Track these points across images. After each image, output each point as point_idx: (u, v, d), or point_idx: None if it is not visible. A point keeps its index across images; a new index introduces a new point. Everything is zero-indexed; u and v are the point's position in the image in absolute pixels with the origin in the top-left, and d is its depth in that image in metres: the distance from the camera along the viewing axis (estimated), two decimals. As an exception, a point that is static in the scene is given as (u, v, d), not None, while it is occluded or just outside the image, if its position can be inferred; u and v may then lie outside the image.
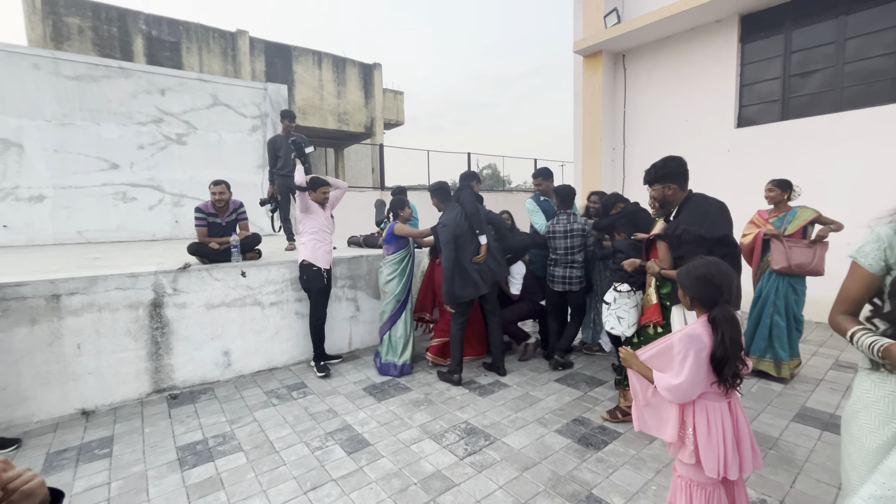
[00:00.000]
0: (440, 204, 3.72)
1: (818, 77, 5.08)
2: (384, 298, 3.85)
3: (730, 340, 1.45)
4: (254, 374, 3.85)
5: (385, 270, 3.80)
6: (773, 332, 3.48)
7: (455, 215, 3.43)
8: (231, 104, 8.55)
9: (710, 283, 1.52)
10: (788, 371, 3.47)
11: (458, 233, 3.39)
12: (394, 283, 3.78)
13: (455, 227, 3.39)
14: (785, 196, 3.49)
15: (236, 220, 4.07)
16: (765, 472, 2.31)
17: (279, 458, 2.54)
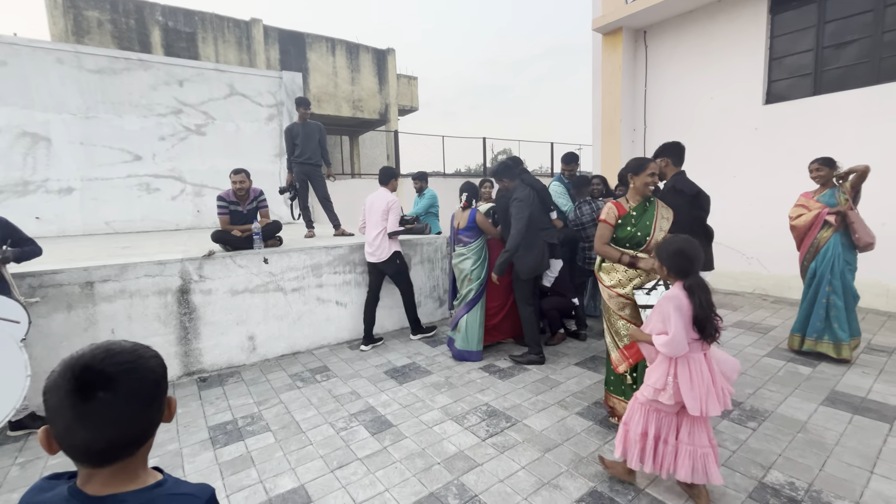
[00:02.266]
0: (510, 183, 3.62)
1: (854, 48, 4.82)
2: (467, 285, 3.74)
3: (706, 302, 1.78)
4: (278, 358, 3.95)
5: (472, 257, 3.71)
6: (830, 313, 3.38)
7: (528, 193, 3.46)
8: (247, 93, 8.61)
9: (684, 256, 1.84)
10: (849, 352, 3.37)
11: (532, 209, 3.45)
12: (479, 269, 3.72)
13: (530, 203, 3.42)
14: (832, 173, 3.37)
15: (257, 207, 4.13)
16: (793, 455, 2.28)
17: (306, 438, 2.62)
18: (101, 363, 0.66)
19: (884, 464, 2.18)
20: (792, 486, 2.06)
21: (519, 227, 3.39)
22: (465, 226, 3.72)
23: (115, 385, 0.66)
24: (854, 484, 2.05)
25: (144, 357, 0.71)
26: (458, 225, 3.78)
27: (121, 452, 0.68)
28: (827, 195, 3.39)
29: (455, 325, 3.80)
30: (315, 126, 5.05)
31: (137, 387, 0.68)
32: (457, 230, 3.79)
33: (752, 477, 2.13)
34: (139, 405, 0.68)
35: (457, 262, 3.78)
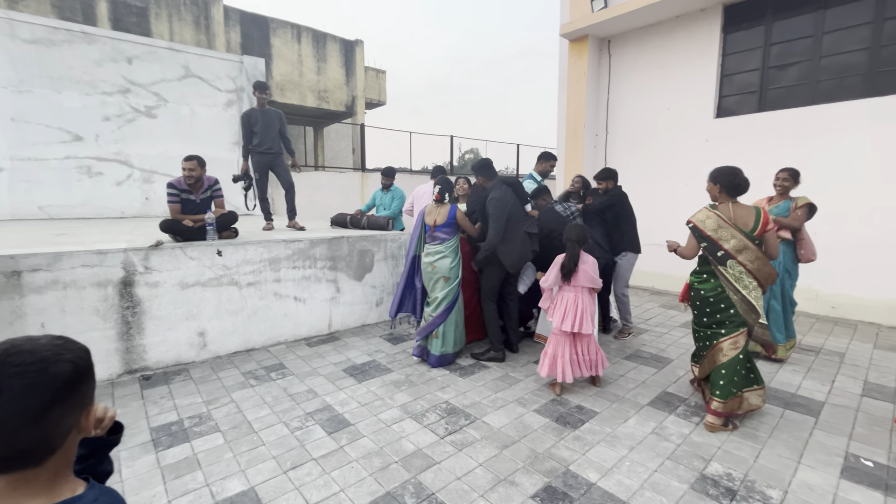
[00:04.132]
0: (486, 181, 3.64)
1: (795, 70, 5.20)
2: (446, 285, 3.53)
3: (571, 258, 3.05)
4: (231, 355, 3.77)
5: (450, 255, 3.52)
6: (769, 316, 3.61)
7: (505, 190, 3.52)
8: (204, 76, 8.17)
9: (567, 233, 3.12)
10: (784, 352, 3.65)
11: (511, 207, 3.49)
12: (456, 268, 3.57)
13: (507, 201, 3.49)
14: (794, 185, 3.57)
15: (211, 197, 3.93)
16: (730, 448, 2.43)
17: (258, 439, 2.51)
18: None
19: (809, 455, 2.37)
20: (729, 476, 2.19)
21: (498, 225, 3.40)
22: (442, 222, 3.49)
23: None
24: (783, 474, 2.22)
25: (50, 360, 0.62)
26: (434, 221, 3.53)
27: (10, 464, 0.60)
28: (781, 207, 3.61)
29: (429, 332, 3.56)
30: (275, 114, 4.77)
31: (28, 395, 0.59)
32: (433, 227, 3.54)
33: (694, 469, 2.25)
34: (26, 416, 0.59)
35: (432, 261, 3.53)
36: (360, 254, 4.53)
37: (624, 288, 4.30)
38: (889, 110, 4.50)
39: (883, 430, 2.61)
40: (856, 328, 4.55)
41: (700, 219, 2.73)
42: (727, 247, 2.61)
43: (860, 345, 4.06)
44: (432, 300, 3.59)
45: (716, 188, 2.73)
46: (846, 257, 4.72)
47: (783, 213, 3.57)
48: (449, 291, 3.54)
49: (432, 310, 3.57)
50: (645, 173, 6.37)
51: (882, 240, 4.57)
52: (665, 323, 4.80)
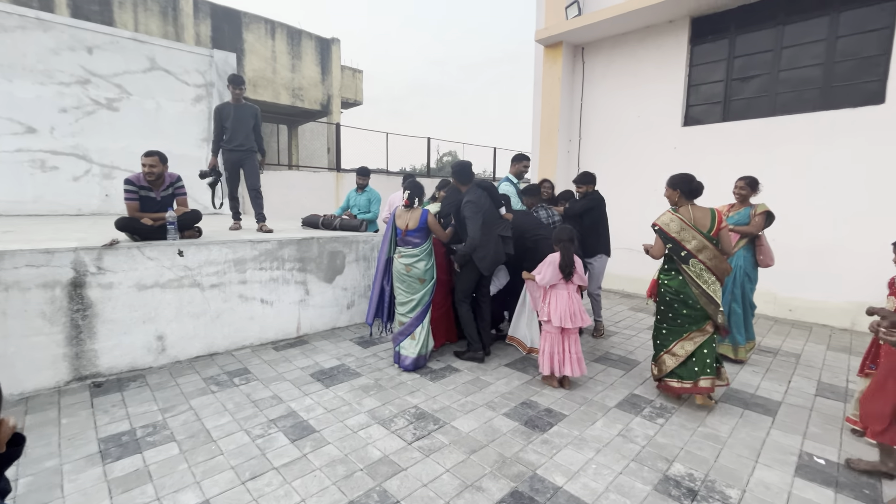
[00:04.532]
0: (462, 185, 3.63)
1: (756, 82, 5.42)
2: (422, 287, 3.53)
3: (567, 257, 3.17)
4: (191, 360, 3.61)
5: (425, 258, 3.52)
6: (731, 319, 3.73)
7: (480, 194, 3.56)
8: (171, 70, 7.87)
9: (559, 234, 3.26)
10: (745, 353, 3.76)
11: (485, 210, 3.53)
12: (431, 270, 3.58)
13: (482, 204, 3.52)
14: (752, 193, 3.71)
15: (173, 194, 3.75)
16: (692, 448, 2.48)
17: (216, 448, 2.40)
18: None
19: (766, 454, 2.44)
20: (691, 477, 2.23)
21: (475, 228, 3.43)
22: (414, 227, 3.47)
23: None
24: (742, 473, 2.27)
25: None
26: (406, 225, 3.50)
27: None
28: (742, 213, 3.73)
29: (405, 336, 3.54)
30: (250, 109, 4.56)
31: None
32: (404, 231, 3.53)
33: (658, 470, 2.28)
34: None
35: (407, 264, 3.49)
36: (331, 255, 4.43)
37: (597, 288, 4.46)
38: (842, 123, 4.74)
39: (834, 428, 2.72)
40: (811, 330, 4.76)
41: (664, 221, 2.94)
42: (689, 247, 2.85)
43: (814, 346, 4.25)
44: (407, 302, 3.55)
45: (675, 193, 2.98)
46: (803, 262, 4.94)
47: (744, 220, 3.69)
48: (426, 293, 3.55)
49: (408, 311, 3.54)
50: (616, 178, 6.51)
51: (836, 246, 4.80)
52: (634, 325, 4.89)
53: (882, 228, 4.36)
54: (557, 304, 3.19)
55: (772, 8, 5.19)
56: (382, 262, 3.71)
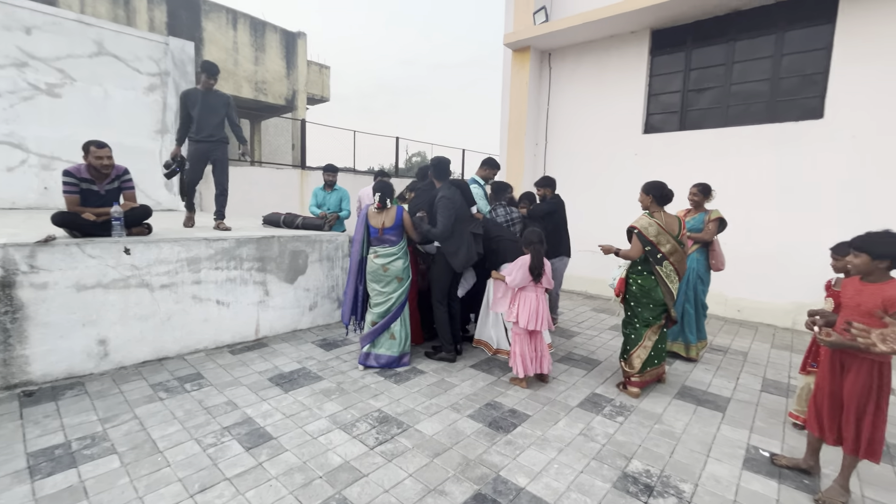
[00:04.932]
0: (438, 181, 3.68)
1: (710, 94, 5.71)
2: (399, 286, 3.52)
3: (537, 259, 3.20)
4: (138, 366, 3.39)
5: (402, 257, 3.53)
6: (683, 319, 3.90)
7: (454, 191, 3.60)
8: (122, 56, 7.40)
9: (530, 237, 3.28)
10: (696, 352, 3.93)
11: (459, 208, 3.55)
12: (408, 268, 3.59)
13: (456, 200, 3.55)
14: (705, 200, 3.87)
15: (119, 188, 3.50)
16: (650, 445, 2.55)
17: (162, 459, 2.25)
18: None
19: (717, 448, 2.55)
20: (648, 473, 2.30)
21: (446, 219, 3.48)
22: (391, 225, 3.47)
23: None
24: (695, 467, 2.36)
25: None
26: (382, 224, 3.48)
27: None
28: (697, 219, 3.90)
29: (378, 335, 3.52)
30: (221, 98, 4.24)
31: None
32: (381, 229, 3.48)
33: (617, 468, 2.33)
34: None
35: (384, 263, 3.47)
36: (293, 255, 4.28)
37: (558, 288, 4.67)
38: (786, 135, 5.06)
39: (778, 422, 2.88)
40: (757, 329, 5.06)
41: (643, 225, 3.13)
42: (664, 250, 3.09)
43: (760, 345, 4.51)
44: (383, 302, 3.53)
45: (648, 198, 3.19)
46: (750, 265, 5.23)
47: (698, 226, 3.87)
48: (402, 292, 3.55)
49: (384, 311, 3.53)
50: (580, 181, 6.68)
51: (779, 250, 5.12)
52: (596, 326, 5.02)
53: (820, 234, 4.69)
54: (526, 306, 3.22)
55: (724, 24, 5.48)
56: (356, 262, 3.63)
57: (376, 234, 3.50)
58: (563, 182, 6.99)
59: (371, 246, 3.56)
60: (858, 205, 4.63)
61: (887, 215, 4.34)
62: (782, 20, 5.10)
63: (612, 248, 3.30)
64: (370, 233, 3.54)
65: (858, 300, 2.00)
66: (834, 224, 4.66)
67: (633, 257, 3.19)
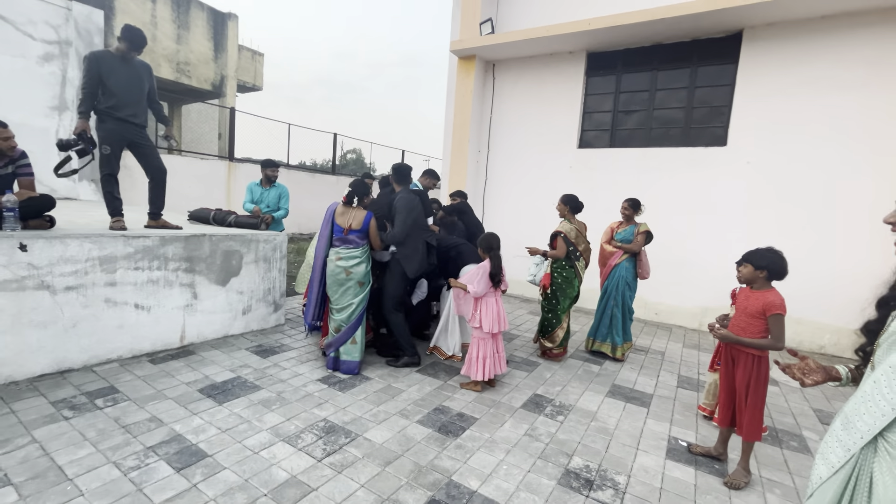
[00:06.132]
0: (398, 185, 3.75)
1: (636, 116, 6.26)
2: (360, 290, 3.46)
3: (497, 265, 3.29)
4: (33, 380, 2.93)
5: (365, 260, 3.48)
6: (612, 322, 4.25)
7: (413, 197, 3.61)
8: (9, 17, 6.41)
9: (490, 242, 3.36)
10: (622, 352, 4.27)
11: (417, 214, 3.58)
12: (370, 275, 3.54)
13: (415, 207, 3.58)
14: (635, 213, 4.23)
15: (14, 174, 3.02)
16: (588, 442, 2.74)
17: (73, 488, 1.97)
18: None
19: (645, 441, 2.81)
20: (587, 468, 2.46)
21: (403, 221, 3.49)
22: (358, 227, 3.42)
23: None
24: (627, 460, 2.58)
25: None
26: (349, 225, 3.42)
27: None
28: (627, 231, 4.26)
29: (345, 340, 3.45)
30: (143, 67, 3.55)
31: None
32: (346, 230, 3.41)
33: (560, 465, 2.47)
34: None
35: (346, 266, 3.39)
36: (225, 255, 3.97)
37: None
38: (696, 159, 5.71)
39: (692, 415, 3.24)
40: (671, 331, 5.63)
41: (567, 230, 3.98)
42: (580, 249, 4.05)
43: (674, 344, 5.03)
44: (345, 306, 3.45)
45: (566, 208, 4.07)
46: (665, 272, 5.81)
47: (629, 236, 4.23)
48: (364, 297, 3.50)
49: (346, 317, 3.45)
50: (519, 188, 6.97)
51: (688, 259, 5.75)
52: (533, 328, 5.27)
53: (725, 247, 5.34)
54: (488, 311, 3.29)
55: (648, 54, 6.04)
56: (321, 261, 3.52)
57: (340, 234, 3.44)
58: (503, 188, 7.27)
59: (333, 247, 3.46)
60: (758, 222, 5.35)
61: (782, 232, 5.07)
62: (695, 56, 5.76)
63: (538, 250, 4.06)
64: (334, 232, 3.46)
65: (745, 304, 2.40)
66: (738, 239, 5.33)
67: (559, 256, 3.99)
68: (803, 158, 5.11)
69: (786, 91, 5.18)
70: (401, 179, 3.74)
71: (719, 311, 4.67)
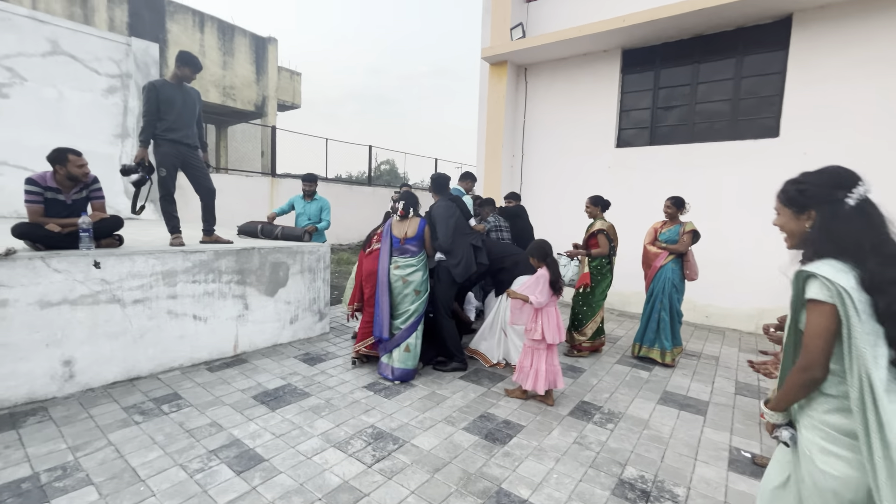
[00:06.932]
0: (436, 195, 3.85)
1: (677, 112, 6.04)
2: (417, 298, 3.55)
3: (556, 272, 3.17)
4: (107, 387, 3.16)
5: (422, 269, 3.57)
6: (659, 326, 4.08)
7: (450, 204, 3.72)
8: (79, 56, 7.01)
9: (545, 249, 3.22)
10: (671, 357, 4.08)
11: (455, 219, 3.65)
12: (427, 281, 3.61)
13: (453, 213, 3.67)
14: (678, 212, 4.07)
15: (87, 198, 3.30)
16: (641, 451, 2.63)
17: (146, 489, 2.10)
18: None
19: (703, 451, 2.66)
20: (643, 479, 2.36)
21: (444, 229, 3.58)
22: (413, 235, 3.53)
23: None
24: (685, 471, 2.45)
25: None
26: (405, 234, 3.54)
27: None
28: (672, 231, 4.10)
29: (395, 346, 3.51)
30: (194, 92, 3.80)
31: None
32: (402, 239, 3.54)
33: (614, 475, 2.38)
34: None
35: (404, 275, 3.52)
36: (273, 267, 4.15)
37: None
38: (745, 152, 5.42)
39: (754, 423, 3.05)
40: (724, 334, 5.33)
41: (609, 227, 4.17)
42: (617, 246, 4.26)
43: (729, 349, 4.76)
44: (402, 313, 3.56)
45: (597, 208, 4.23)
46: (716, 273, 5.53)
47: (674, 236, 4.06)
48: (420, 304, 3.57)
49: (401, 322, 3.55)
50: (555, 192, 6.86)
51: (741, 258, 5.44)
52: (575, 334, 5.14)
53: (780, 243, 5.02)
54: (549, 321, 3.14)
55: (689, 47, 5.82)
56: (385, 273, 3.59)
57: (398, 245, 3.57)
58: (539, 192, 7.18)
59: (391, 256, 3.59)
60: (811, 217, 5.00)
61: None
62: (741, 45, 5.49)
63: (579, 252, 4.19)
64: (393, 243, 3.59)
65: None
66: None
67: (604, 254, 4.14)
68: (862, 146, 4.74)
69: (841, 75, 4.84)
70: (438, 189, 3.82)
71: (779, 313, 4.38)
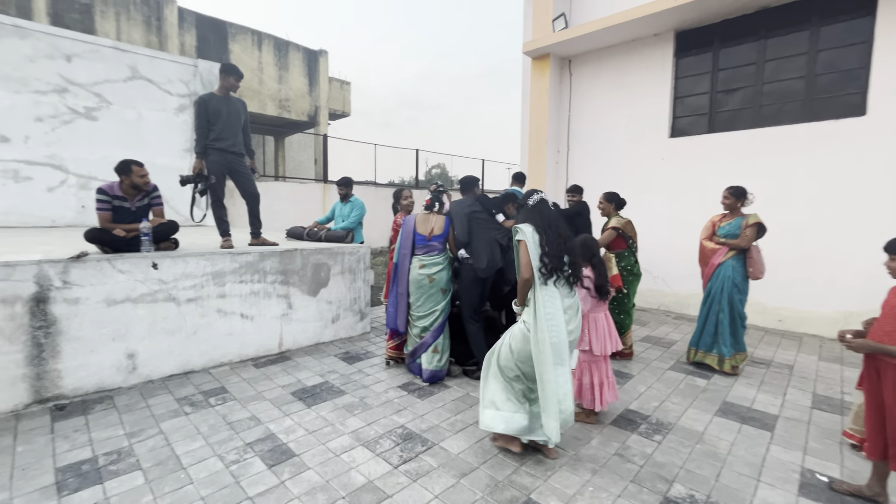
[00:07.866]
0: (463, 194, 3.78)
1: (740, 94, 5.49)
2: (443, 297, 3.50)
3: (603, 274, 2.83)
4: (165, 379, 3.42)
5: (447, 267, 3.52)
6: (717, 329, 3.69)
7: (462, 200, 3.65)
8: (154, 79, 7.72)
9: (591, 248, 2.86)
10: (730, 365, 3.67)
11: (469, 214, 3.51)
12: (451, 282, 3.57)
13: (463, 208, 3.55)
14: (738, 203, 3.67)
15: (149, 205, 3.59)
16: (692, 467, 2.38)
17: (186, 476, 2.22)
18: None
19: (768, 471, 2.35)
20: (692, 498, 2.12)
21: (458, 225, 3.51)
22: (439, 232, 3.47)
23: None
24: (744, 493, 2.17)
25: None
26: (430, 231, 3.48)
27: None
28: (733, 224, 3.69)
29: (426, 348, 3.47)
30: (240, 103, 3.99)
31: None
32: (428, 236, 3.47)
33: (658, 492, 2.16)
34: None
35: (429, 273, 3.44)
36: (315, 267, 4.29)
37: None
38: (824, 134, 4.80)
39: (833, 443, 2.65)
40: (801, 340, 4.74)
41: (621, 224, 3.94)
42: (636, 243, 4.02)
43: (806, 357, 4.21)
44: (428, 314, 3.49)
45: (610, 206, 4.04)
46: (790, 272, 4.94)
47: (734, 231, 3.67)
48: (446, 304, 3.53)
49: (429, 323, 3.49)
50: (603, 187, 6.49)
51: (821, 255, 4.82)
52: (625, 337, 4.81)
53: (868, 237, 4.38)
54: (598, 329, 2.82)
55: (753, 23, 5.28)
56: (405, 269, 3.56)
57: (423, 242, 3.50)
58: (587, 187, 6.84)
59: (415, 255, 3.52)
60: (910, 205, 4.31)
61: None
62: (815, 15, 4.88)
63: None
64: (416, 241, 3.54)
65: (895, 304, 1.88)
66: (885, 227, 4.34)
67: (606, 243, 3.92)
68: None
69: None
70: (464, 189, 3.77)
71: (867, 316, 3.82)
